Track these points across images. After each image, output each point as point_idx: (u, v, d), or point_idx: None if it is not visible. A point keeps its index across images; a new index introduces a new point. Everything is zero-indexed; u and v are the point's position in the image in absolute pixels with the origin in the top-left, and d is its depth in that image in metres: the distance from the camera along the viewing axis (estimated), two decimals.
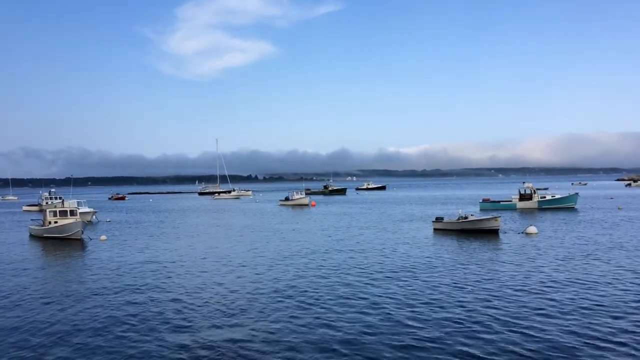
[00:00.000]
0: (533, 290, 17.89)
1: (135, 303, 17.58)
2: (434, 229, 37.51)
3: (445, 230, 36.62)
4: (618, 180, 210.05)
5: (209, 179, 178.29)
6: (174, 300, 17.89)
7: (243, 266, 24.56)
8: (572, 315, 14.78)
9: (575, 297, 16.86)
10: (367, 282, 20.18)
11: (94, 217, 57.84)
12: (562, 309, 15.43)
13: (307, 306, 16.60)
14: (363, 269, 23.04)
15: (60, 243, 35.99)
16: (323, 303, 16.97)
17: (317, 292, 18.54)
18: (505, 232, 35.17)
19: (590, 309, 15.32)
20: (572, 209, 56.45)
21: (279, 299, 17.73)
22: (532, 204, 58.83)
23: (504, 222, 39.72)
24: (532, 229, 34.65)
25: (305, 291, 18.77)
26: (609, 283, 18.77)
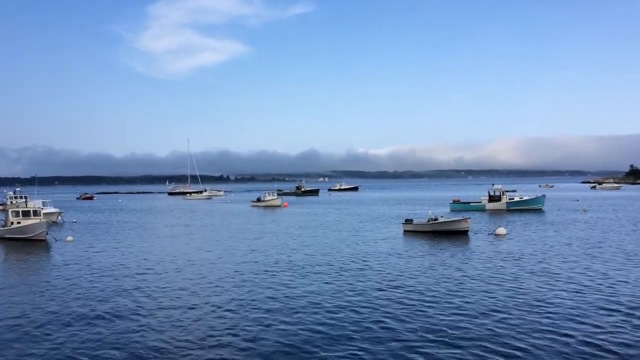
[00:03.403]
0: (468, 292, 17.96)
1: (92, 307, 17.10)
2: (404, 231, 37.66)
3: (416, 231, 36.80)
4: (584, 182, 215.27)
5: (180, 178, 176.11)
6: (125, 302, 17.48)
7: (190, 267, 24.24)
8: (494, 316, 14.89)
9: (506, 297, 17.00)
10: (313, 283, 20.07)
11: (59, 217, 56.46)
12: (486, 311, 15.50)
13: (222, 313, 16.05)
14: (316, 271, 22.87)
15: (23, 244, 34.93)
16: (254, 309, 16.55)
17: (249, 296, 18.23)
18: (475, 233, 35.54)
19: (509, 313, 15.33)
20: (539, 211, 57.51)
21: (195, 303, 17.42)
22: (500, 205, 59.74)
23: (474, 223, 40.14)
24: (502, 230, 35.11)
25: (233, 296, 18.38)
26: (558, 285, 19.01)
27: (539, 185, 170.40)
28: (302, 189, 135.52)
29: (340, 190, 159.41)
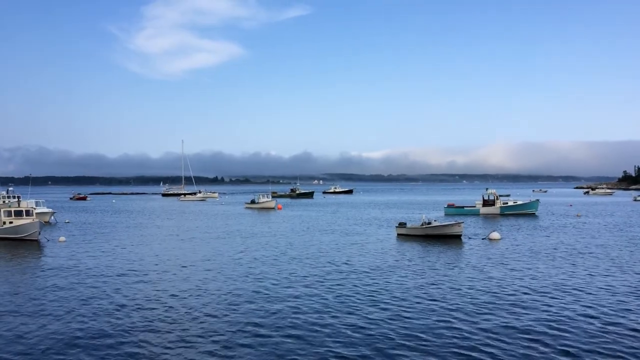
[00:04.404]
0: (436, 299, 17.91)
1: (75, 309, 16.99)
2: (398, 234, 37.68)
3: (409, 235, 36.82)
4: (577, 188, 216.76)
5: (174, 180, 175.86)
6: (115, 308, 17.40)
7: (182, 271, 24.16)
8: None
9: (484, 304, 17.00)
10: (294, 287, 20.04)
11: (52, 217, 56.20)
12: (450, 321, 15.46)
13: (201, 316, 15.88)
14: (304, 274, 22.77)
15: (15, 244, 34.72)
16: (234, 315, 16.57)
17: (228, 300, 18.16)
18: (470, 238, 35.55)
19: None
20: (532, 215, 57.73)
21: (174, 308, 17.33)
22: (494, 209, 59.93)
23: (468, 228, 40.21)
24: (495, 235, 35.15)
25: (218, 302, 18.28)
26: (538, 293, 19.02)
27: (533, 190, 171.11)
28: (297, 192, 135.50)
29: (334, 193, 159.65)
